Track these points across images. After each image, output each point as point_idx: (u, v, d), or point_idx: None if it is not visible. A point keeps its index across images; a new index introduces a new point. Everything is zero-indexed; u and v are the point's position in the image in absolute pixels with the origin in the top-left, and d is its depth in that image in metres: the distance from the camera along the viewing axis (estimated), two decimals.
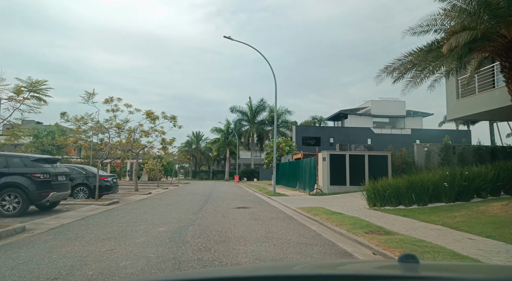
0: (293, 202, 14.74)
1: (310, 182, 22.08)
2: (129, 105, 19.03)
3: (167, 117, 21.37)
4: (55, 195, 9.95)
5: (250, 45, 20.17)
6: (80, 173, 14.79)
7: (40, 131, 29.30)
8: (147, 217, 9.09)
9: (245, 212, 10.61)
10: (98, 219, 8.79)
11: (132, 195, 18.57)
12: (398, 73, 9.81)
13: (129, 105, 19.05)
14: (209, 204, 13.21)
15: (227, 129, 56.02)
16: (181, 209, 11.20)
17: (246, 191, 23.94)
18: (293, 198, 17.16)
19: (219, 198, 16.23)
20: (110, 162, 41.53)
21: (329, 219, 8.74)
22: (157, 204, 12.86)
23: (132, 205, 12.79)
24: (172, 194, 19.24)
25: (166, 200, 14.88)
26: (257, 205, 13.45)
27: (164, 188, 26.44)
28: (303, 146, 47.34)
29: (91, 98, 12.61)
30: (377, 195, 11.79)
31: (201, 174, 65.22)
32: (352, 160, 19.24)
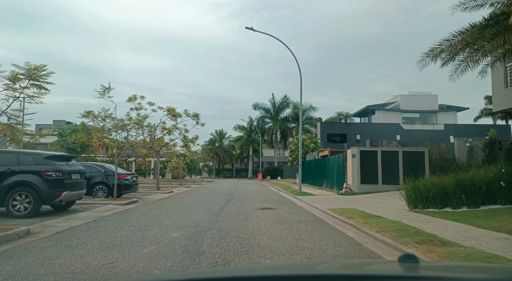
0: (322, 202, 13.59)
1: (338, 181, 20.78)
2: (152, 103, 18.58)
3: (189, 114, 20.76)
4: (68, 194, 9.37)
5: (272, 36, 19.13)
6: (99, 171, 14.33)
7: (64, 130, 29.61)
8: (162, 219, 8.29)
9: (270, 214, 9.62)
10: (110, 221, 8.08)
11: (153, 194, 18.04)
12: (448, 54, 8.45)
13: (152, 103, 18.61)
14: (231, 204, 12.32)
15: (250, 126, 55.20)
16: (201, 210, 10.37)
17: (270, 190, 22.95)
18: (321, 197, 15.99)
19: (241, 198, 15.34)
20: (134, 160, 41.83)
21: (367, 224, 7.59)
22: (176, 204, 12.12)
23: (150, 205, 12.11)
24: (194, 193, 18.56)
25: (186, 200, 14.15)
26: (283, 205, 12.42)
27: (187, 187, 25.91)
28: (328, 143, 45.70)
29: (106, 92, 12.02)
30: (419, 195, 10.45)
31: (225, 172, 64.84)
32: (385, 157, 17.78)
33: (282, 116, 53.48)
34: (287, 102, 52.82)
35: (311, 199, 15.12)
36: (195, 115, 21.12)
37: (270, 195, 18.09)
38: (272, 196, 17.35)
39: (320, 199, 14.96)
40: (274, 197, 16.66)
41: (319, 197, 16.42)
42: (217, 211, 9.99)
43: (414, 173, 16.75)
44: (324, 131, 51.34)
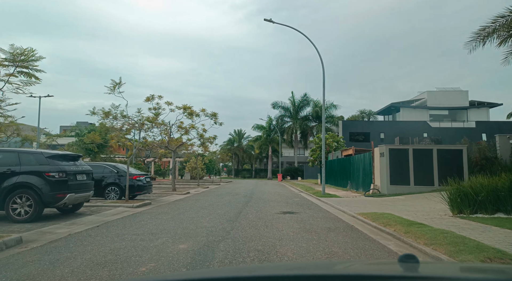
0: (349, 205, 12.36)
1: (364, 181, 19.39)
2: (169, 102, 18.11)
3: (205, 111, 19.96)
4: (72, 197, 8.63)
5: (292, 27, 18.00)
6: (111, 171, 13.67)
7: (82, 130, 29.55)
8: (171, 226, 7.37)
9: (292, 220, 8.53)
10: (114, 227, 7.23)
11: (168, 195, 17.30)
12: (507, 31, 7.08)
13: (170, 102, 18.12)
14: (249, 207, 11.31)
15: (269, 126, 54.07)
16: (216, 214, 9.40)
17: (291, 191, 21.80)
18: (347, 200, 14.72)
19: (261, 200, 14.30)
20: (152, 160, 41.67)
21: (410, 233, 6.37)
22: (190, 207, 11.22)
23: (163, 208, 11.28)
24: (211, 194, 17.69)
25: (202, 202, 13.26)
26: (306, 209, 11.30)
27: (205, 187, 25.16)
28: (351, 142, 43.95)
29: (117, 87, 11.29)
30: (465, 199, 9.07)
31: (244, 173, 64.03)
32: (417, 155, 16.28)
33: (302, 115, 52.06)
34: (307, 100, 51.37)
35: (337, 201, 13.90)
36: (213, 115, 20.41)
37: (291, 196, 16.96)
38: (293, 198, 16.22)
39: (346, 202, 13.71)
40: (296, 199, 15.53)
41: (344, 199, 15.16)
42: (234, 216, 8.99)
43: (450, 174, 15.21)
44: (346, 130, 49.55)
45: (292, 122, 51.61)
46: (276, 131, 52.95)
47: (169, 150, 19.59)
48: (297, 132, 51.93)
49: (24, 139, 14.07)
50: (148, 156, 38.92)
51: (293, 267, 1.62)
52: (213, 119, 20.39)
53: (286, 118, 52.63)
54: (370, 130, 48.66)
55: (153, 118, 14.21)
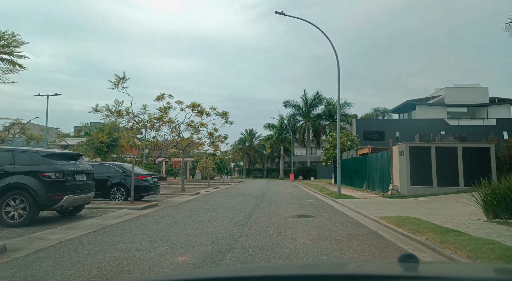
0: (368, 207, 11.46)
1: (382, 182, 18.38)
2: (180, 101, 17.63)
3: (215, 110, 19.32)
4: (70, 199, 8.03)
5: (305, 20, 17.13)
6: (117, 171, 13.10)
7: (91, 129, 29.31)
8: (173, 232, 6.65)
9: (308, 224, 7.72)
10: (111, 233, 6.57)
11: (177, 196, 16.68)
12: None
13: (181, 101, 17.64)
14: (260, 209, 10.53)
15: (280, 125, 53.13)
16: (224, 217, 8.66)
17: (304, 192, 20.93)
18: (364, 201, 13.80)
19: (273, 201, 13.51)
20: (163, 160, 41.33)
21: (447, 243, 5.49)
22: (197, 210, 10.52)
23: (168, 210, 10.61)
24: (221, 195, 17.00)
25: (211, 203, 12.56)
26: (322, 211, 10.45)
27: (215, 188, 24.52)
28: (365, 141, 42.72)
29: (121, 83, 10.68)
30: (502, 201, 8.08)
31: (255, 172, 63.31)
32: (440, 154, 15.20)
33: (315, 114, 50.96)
34: (319, 98, 50.23)
35: (354, 203, 13.00)
36: (224, 113, 19.83)
37: (305, 197, 16.12)
38: (307, 199, 15.37)
39: (364, 203, 12.80)
40: (310, 200, 14.68)
41: (362, 200, 14.23)
42: (243, 220, 8.23)
43: (477, 173, 14.12)
44: (360, 129, 48.23)
45: (304, 121, 50.56)
46: (288, 130, 51.99)
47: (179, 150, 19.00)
48: (309, 131, 50.86)
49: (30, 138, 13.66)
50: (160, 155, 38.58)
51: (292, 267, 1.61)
52: (223, 118, 19.87)
53: (298, 116, 51.63)
54: (385, 129, 47.27)
55: (160, 116, 13.57)
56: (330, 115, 49.93)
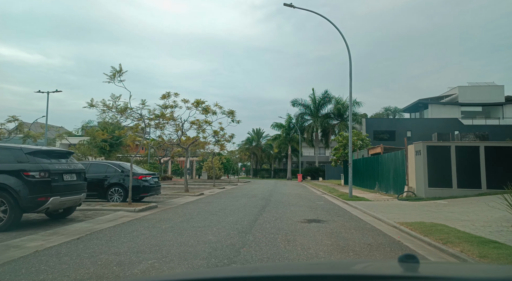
0: (383, 210, 10.53)
1: (395, 183, 17.38)
2: (186, 100, 16.98)
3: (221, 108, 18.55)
4: (57, 201, 7.29)
5: (314, 12, 16.24)
6: (115, 171, 12.38)
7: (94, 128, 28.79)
8: (166, 239, 5.85)
9: (320, 231, 6.85)
10: (96, 241, 5.79)
11: (180, 196, 15.94)
12: None
13: (187, 100, 16.99)
14: (267, 213, 9.68)
15: (288, 124, 52.15)
16: (226, 222, 7.84)
17: (313, 193, 20.02)
18: (378, 204, 12.85)
19: (280, 203, 12.65)
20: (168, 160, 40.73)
21: (488, 257, 4.58)
22: (198, 213, 9.71)
23: (167, 213, 9.83)
24: (225, 196, 16.19)
25: (214, 206, 11.75)
26: (334, 216, 9.55)
27: (220, 188, 23.75)
28: (375, 141, 41.57)
29: (117, 76, 9.93)
30: None
31: (262, 173, 62.44)
32: (460, 153, 14.16)
33: (323, 113, 49.86)
34: (328, 97, 49.13)
35: (367, 205, 12.06)
36: (230, 112, 19.12)
37: (315, 199, 15.21)
38: (317, 201, 14.47)
39: (378, 206, 11.85)
40: (320, 202, 13.77)
41: (375, 203, 13.28)
42: (247, 225, 7.39)
43: (502, 175, 13.10)
44: (370, 128, 47.02)
45: (312, 120, 49.49)
46: (296, 129, 50.98)
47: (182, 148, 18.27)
48: (317, 130, 49.77)
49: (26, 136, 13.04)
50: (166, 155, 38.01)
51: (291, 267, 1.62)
52: (230, 117, 19.19)
53: (307, 116, 50.60)
54: (396, 128, 46.05)
55: (161, 112, 12.83)
56: (339, 114, 48.82)
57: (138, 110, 10.73)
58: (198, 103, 17.50)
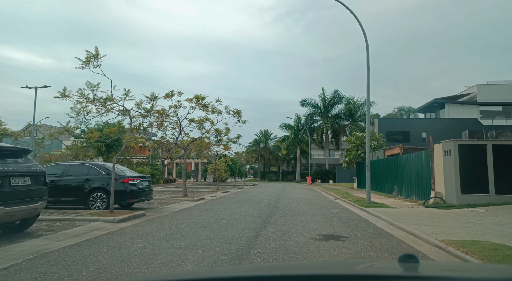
0: (414, 222, 8.65)
1: (418, 187, 15.44)
2: (190, 99, 15.64)
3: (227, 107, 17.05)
4: (1, 211, 5.65)
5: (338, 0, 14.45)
6: (99, 173, 10.75)
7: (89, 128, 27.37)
8: (125, 269, 4.14)
9: (343, 256, 5.05)
10: (25, 273, 4.10)
11: (177, 202, 14.26)
12: None
13: (191, 99, 15.64)
14: (272, 225, 7.90)
15: (297, 125, 50.19)
16: (219, 239, 6.09)
17: (325, 198, 18.14)
18: (403, 212, 10.96)
19: (289, 211, 10.86)
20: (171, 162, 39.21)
21: None
22: (188, 224, 7.97)
23: (152, 224, 8.12)
24: (227, 202, 14.45)
25: (210, 214, 10.01)
26: (355, 228, 7.72)
27: (224, 192, 22.03)
28: (388, 142, 39.43)
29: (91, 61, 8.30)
30: None
31: (270, 175, 60.54)
32: (499, 153, 12.19)
33: (333, 113, 47.84)
34: (338, 97, 47.09)
35: (391, 214, 10.19)
36: (236, 112, 17.70)
37: (328, 206, 13.36)
38: (330, 208, 12.62)
39: (405, 215, 9.97)
40: (335, 210, 11.93)
41: (399, 211, 11.39)
42: (245, 245, 5.62)
43: None
44: (383, 129, 44.82)
45: (322, 121, 47.50)
46: (305, 130, 49.01)
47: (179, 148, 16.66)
48: (327, 131, 47.74)
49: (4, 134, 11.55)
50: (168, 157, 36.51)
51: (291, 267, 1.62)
52: (236, 117, 17.78)
53: (316, 116, 48.63)
54: (410, 129, 43.83)
55: (151, 107, 11.21)
56: (350, 114, 46.74)
57: (120, 101, 9.05)
58: (198, 98, 15.87)
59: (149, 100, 10.67)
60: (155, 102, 10.51)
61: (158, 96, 10.55)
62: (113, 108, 9.21)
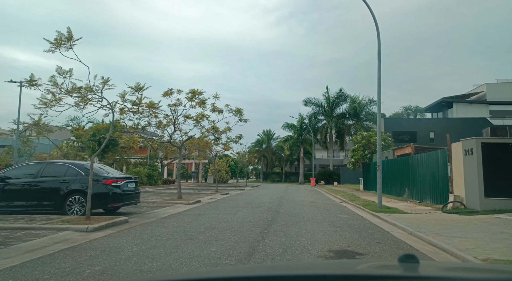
0: (439, 232, 7.36)
1: (434, 190, 14.12)
2: (190, 98, 14.64)
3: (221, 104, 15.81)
4: None
5: None
6: (78, 174, 9.52)
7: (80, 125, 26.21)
8: None
9: None
10: None
11: (169, 205, 13.05)
12: None
13: (191, 97, 14.64)
14: (271, 236, 6.64)
15: (300, 125, 48.84)
16: (202, 257, 4.84)
17: (331, 201, 16.85)
18: (422, 218, 9.66)
19: (292, 218, 9.59)
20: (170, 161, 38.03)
21: None
22: (171, 235, 6.72)
23: (129, 235, 6.89)
24: (224, 206, 13.21)
25: (201, 221, 8.76)
26: (372, 241, 6.44)
27: (224, 194, 20.80)
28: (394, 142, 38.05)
29: (63, 43, 7.08)
30: None
31: (273, 176, 59.22)
32: None
33: (338, 113, 46.44)
34: (343, 95, 45.72)
35: (409, 221, 8.91)
36: (238, 111, 16.73)
37: (335, 210, 12.08)
38: (339, 212, 11.33)
39: (425, 223, 8.67)
40: (344, 215, 10.63)
41: (416, 217, 10.09)
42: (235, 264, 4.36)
43: None
44: (389, 129, 43.40)
45: (326, 121, 46.12)
46: (308, 130, 47.65)
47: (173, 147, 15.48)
48: (332, 131, 46.35)
49: None
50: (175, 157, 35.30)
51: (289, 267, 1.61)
52: (237, 116, 16.79)
53: (320, 116, 47.25)
54: (417, 129, 42.41)
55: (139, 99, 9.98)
56: (355, 114, 45.36)
57: (98, 90, 7.81)
58: (194, 93, 14.66)
59: (134, 91, 9.43)
60: (141, 94, 9.27)
61: (144, 87, 9.30)
62: (91, 99, 7.97)
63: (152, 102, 11.35)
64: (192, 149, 19.42)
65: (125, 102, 9.36)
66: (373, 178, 24.97)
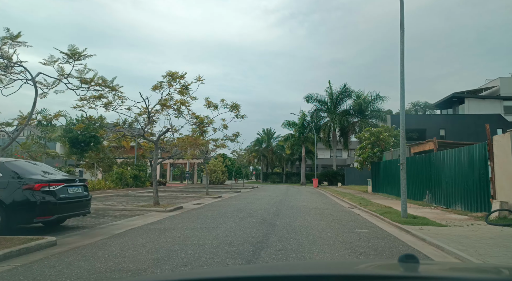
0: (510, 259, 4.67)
1: (467, 194, 11.45)
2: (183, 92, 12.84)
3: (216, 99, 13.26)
4: None
5: None
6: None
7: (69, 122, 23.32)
8: None
9: None
10: None
11: (141, 214, 10.40)
12: None
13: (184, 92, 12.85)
14: None
15: (302, 122, 46.09)
16: None
17: (339, 206, 14.16)
18: (468, 234, 6.98)
19: (292, 234, 6.90)
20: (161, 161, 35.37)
21: None
22: (98, 273, 4.06)
23: (40, 268, 4.21)
24: (207, 215, 10.53)
25: (161, 243, 6.08)
26: None
27: (215, 197, 18.16)
28: None
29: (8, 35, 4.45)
30: None
31: (273, 177, 56.51)
32: None
33: (342, 109, 43.72)
34: (348, 91, 42.98)
35: (455, 240, 6.27)
36: (234, 106, 14.47)
37: (347, 220, 9.38)
38: (354, 225, 8.62)
39: (480, 243, 6.01)
40: (362, 230, 7.92)
41: (458, 231, 7.43)
42: None
43: None
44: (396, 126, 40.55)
45: (329, 118, 43.40)
46: (310, 128, 44.91)
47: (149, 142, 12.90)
48: (335, 129, 43.60)
49: None
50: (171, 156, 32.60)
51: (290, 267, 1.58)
52: (233, 111, 14.50)
53: (323, 112, 44.53)
54: (426, 126, 39.68)
55: (92, 77, 7.35)
56: (360, 110, 42.61)
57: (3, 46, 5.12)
58: (172, 76, 12.04)
59: (68, 59, 6.77)
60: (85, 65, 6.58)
61: (83, 53, 6.65)
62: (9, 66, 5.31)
63: (103, 77, 8.57)
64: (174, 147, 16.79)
65: (63, 76, 6.64)
66: (384, 179, 22.28)
